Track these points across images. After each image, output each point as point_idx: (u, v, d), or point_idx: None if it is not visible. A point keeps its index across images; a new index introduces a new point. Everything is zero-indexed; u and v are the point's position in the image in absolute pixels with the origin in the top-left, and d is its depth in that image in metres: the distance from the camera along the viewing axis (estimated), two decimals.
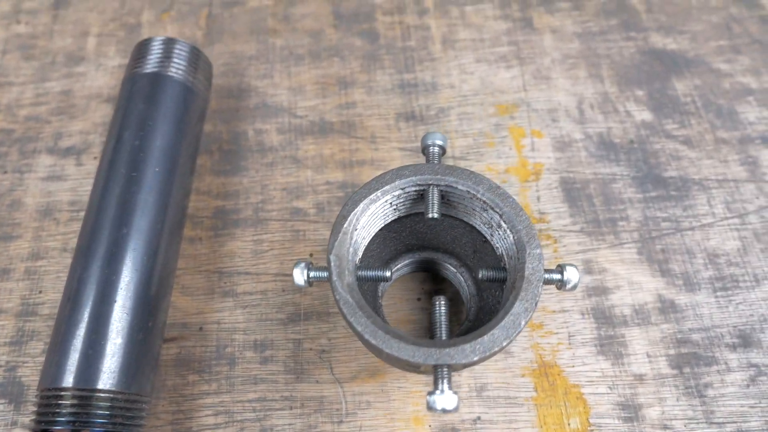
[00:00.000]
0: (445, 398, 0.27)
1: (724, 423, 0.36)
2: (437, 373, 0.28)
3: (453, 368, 0.29)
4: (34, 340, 0.40)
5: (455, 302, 0.40)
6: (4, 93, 0.49)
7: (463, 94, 0.48)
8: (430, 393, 0.28)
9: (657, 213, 0.43)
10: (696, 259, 0.41)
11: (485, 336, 0.28)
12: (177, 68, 0.42)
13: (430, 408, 0.28)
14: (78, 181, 0.45)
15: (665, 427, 0.36)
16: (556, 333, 0.39)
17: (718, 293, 0.40)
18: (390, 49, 0.50)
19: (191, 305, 0.40)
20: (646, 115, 0.47)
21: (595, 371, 0.38)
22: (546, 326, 0.39)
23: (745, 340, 0.39)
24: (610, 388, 0.38)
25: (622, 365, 0.38)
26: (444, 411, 0.27)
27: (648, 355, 0.38)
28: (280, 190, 0.44)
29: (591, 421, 0.37)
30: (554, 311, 0.40)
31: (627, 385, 0.38)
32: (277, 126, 0.47)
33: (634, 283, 0.40)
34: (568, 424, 0.37)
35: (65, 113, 0.48)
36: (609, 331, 0.39)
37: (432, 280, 0.41)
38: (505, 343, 0.28)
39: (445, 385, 0.28)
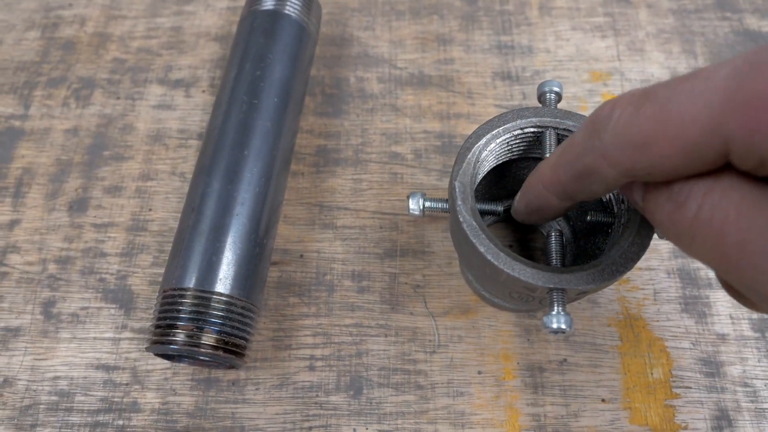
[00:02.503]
0: (561, 318, 0.29)
1: None
2: (552, 296, 0.30)
3: (567, 295, 0.30)
4: (143, 253, 0.42)
5: (546, 252, 0.42)
6: (117, 25, 0.52)
7: (559, 59, 0.49)
8: (547, 314, 0.29)
9: None
10: None
11: (601, 266, 0.30)
12: (293, 8, 0.44)
13: (546, 327, 0.29)
14: (187, 111, 0.48)
15: (746, 385, 0.38)
16: (642, 289, 0.41)
17: None
18: (488, 12, 0.52)
19: (293, 233, 0.43)
20: None
21: (679, 327, 0.39)
22: (633, 281, 0.41)
23: None
24: (693, 344, 0.39)
25: (705, 324, 0.39)
26: (560, 330, 0.29)
27: (731, 317, 0.40)
28: (380, 134, 0.46)
29: (673, 372, 0.38)
30: (641, 269, 0.41)
31: (710, 343, 0.39)
32: (378, 75, 0.49)
33: None
34: (651, 374, 0.38)
35: (175, 48, 0.51)
36: (694, 292, 0.40)
37: (523, 229, 0.43)
38: (618, 276, 0.30)
39: (560, 308, 0.29)
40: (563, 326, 0.29)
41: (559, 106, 0.47)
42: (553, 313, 0.29)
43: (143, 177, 0.45)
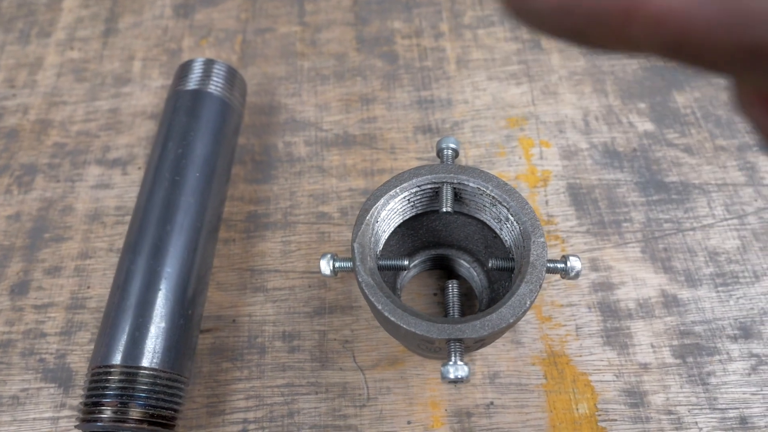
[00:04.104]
0: (457, 368, 0.30)
1: (726, 409, 0.38)
2: (450, 347, 0.31)
3: (465, 344, 0.32)
4: (82, 331, 0.44)
5: (469, 296, 0.43)
6: (58, 111, 0.55)
7: (476, 109, 0.52)
8: (444, 364, 0.31)
9: (659, 215, 0.45)
10: (697, 257, 0.44)
11: (494, 314, 0.31)
12: (216, 85, 0.47)
13: (444, 377, 0.30)
14: (123, 188, 0.50)
15: (670, 412, 0.38)
16: (565, 325, 0.42)
17: (719, 288, 0.42)
18: (408, 69, 0.55)
19: (225, 299, 0.44)
20: (648, 126, 0.50)
21: (602, 360, 0.40)
22: (555, 319, 0.42)
23: (745, 332, 0.41)
24: (616, 376, 0.40)
25: (627, 355, 0.40)
26: (456, 379, 0.30)
27: (652, 346, 0.41)
28: (307, 196, 0.48)
29: (598, 406, 0.39)
30: (562, 305, 0.42)
31: (632, 374, 0.40)
32: (305, 138, 0.51)
33: (638, 279, 0.43)
34: (577, 409, 0.39)
35: (113, 128, 0.53)
36: (615, 324, 0.42)
37: (447, 277, 0.44)
38: (511, 320, 0.31)
39: (457, 357, 0.31)
40: (460, 375, 0.30)
41: (478, 153, 0.49)
42: (450, 363, 0.30)
43: (82, 256, 0.47)
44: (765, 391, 0.39)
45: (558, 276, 0.43)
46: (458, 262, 0.42)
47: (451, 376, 0.30)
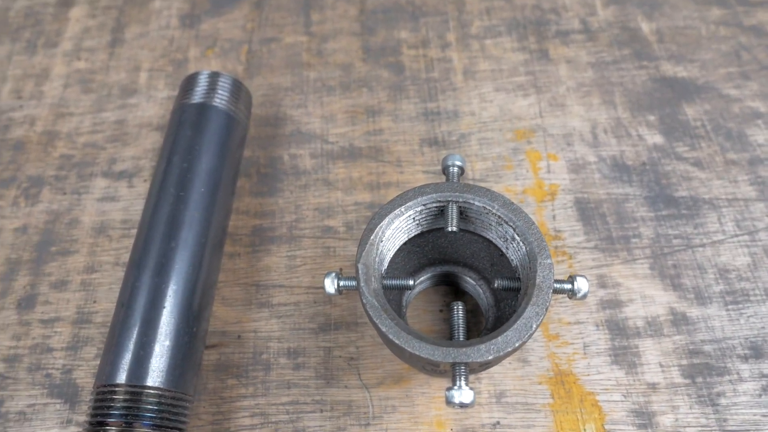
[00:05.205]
0: (462, 393, 0.30)
1: (736, 430, 0.38)
2: (455, 370, 0.31)
3: (470, 367, 0.31)
4: (88, 346, 0.44)
5: (475, 313, 0.43)
6: (65, 122, 0.55)
7: (483, 121, 0.51)
8: (449, 389, 0.30)
9: (668, 231, 0.45)
10: (707, 275, 0.43)
11: (499, 337, 0.31)
12: (221, 99, 0.46)
13: (449, 402, 0.30)
14: (129, 201, 0.50)
15: None
16: (572, 343, 0.41)
17: (729, 307, 0.42)
18: (415, 80, 0.54)
19: (230, 315, 0.44)
20: (657, 139, 0.49)
21: (610, 380, 0.40)
22: (562, 337, 0.42)
23: (756, 351, 0.40)
24: (624, 395, 0.39)
25: (635, 374, 0.40)
26: (461, 405, 0.30)
27: (661, 365, 0.40)
28: (313, 209, 0.48)
29: (606, 427, 0.38)
30: (570, 323, 0.42)
31: (641, 393, 0.39)
32: (310, 151, 0.51)
33: (646, 297, 0.42)
34: (584, 429, 0.38)
35: (119, 140, 0.53)
36: (623, 342, 0.41)
37: (453, 293, 0.44)
38: (517, 344, 0.31)
39: (462, 382, 0.30)
40: (465, 401, 0.30)
41: (485, 167, 0.49)
42: (455, 388, 0.30)
43: (88, 269, 0.47)
44: None
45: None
46: (464, 279, 0.42)
47: (456, 401, 0.30)
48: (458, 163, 0.38)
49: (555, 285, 0.34)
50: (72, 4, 0.64)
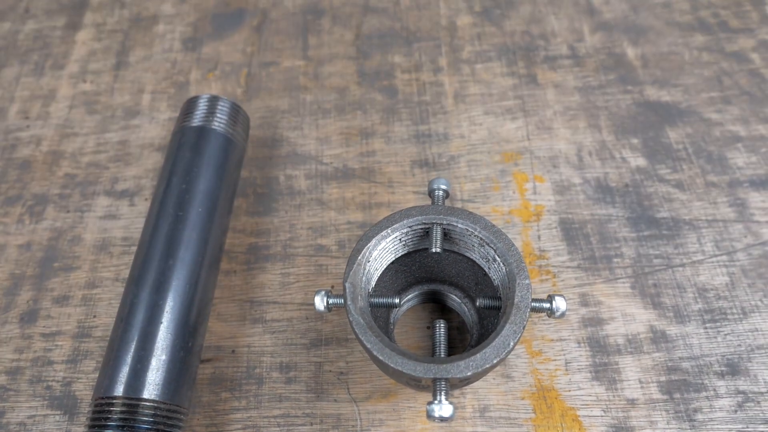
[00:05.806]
0: (442, 407, 0.31)
1: None
2: (436, 385, 0.32)
3: (450, 382, 0.33)
4: (87, 359, 0.45)
5: (461, 330, 0.44)
6: (69, 142, 0.57)
7: (472, 143, 0.53)
8: (429, 403, 0.32)
9: (649, 251, 0.46)
10: (686, 293, 0.44)
11: (478, 354, 0.32)
12: (219, 122, 0.48)
13: (429, 416, 0.32)
14: (130, 219, 0.51)
15: None
16: (554, 360, 0.43)
17: (707, 325, 0.43)
18: (407, 103, 0.56)
19: (225, 330, 0.45)
20: (640, 161, 0.51)
21: (590, 395, 0.41)
22: (544, 353, 0.43)
23: (733, 369, 0.41)
24: (604, 411, 0.41)
25: (615, 390, 0.41)
26: (441, 419, 0.31)
27: (640, 382, 0.41)
28: (306, 228, 0.50)
29: None
30: (552, 340, 0.43)
31: (620, 409, 0.41)
32: (306, 172, 0.53)
33: (627, 315, 0.44)
34: None
35: (121, 160, 0.55)
36: (603, 359, 0.42)
37: (440, 310, 0.45)
38: (495, 361, 0.32)
39: (443, 396, 0.32)
40: (444, 415, 0.31)
41: (473, 188, 0.50)
42: (435, 402, 0.32)
43: (89, 285, 0.48)
44: (751, 428, 0.39)
45: None
46: (450, 298, 0.44)
47: (436, 415, 0.31)
48: (443, 186, 0.39)
49: (534, 304, 0.35)
50: (79, 28, 0.66)
